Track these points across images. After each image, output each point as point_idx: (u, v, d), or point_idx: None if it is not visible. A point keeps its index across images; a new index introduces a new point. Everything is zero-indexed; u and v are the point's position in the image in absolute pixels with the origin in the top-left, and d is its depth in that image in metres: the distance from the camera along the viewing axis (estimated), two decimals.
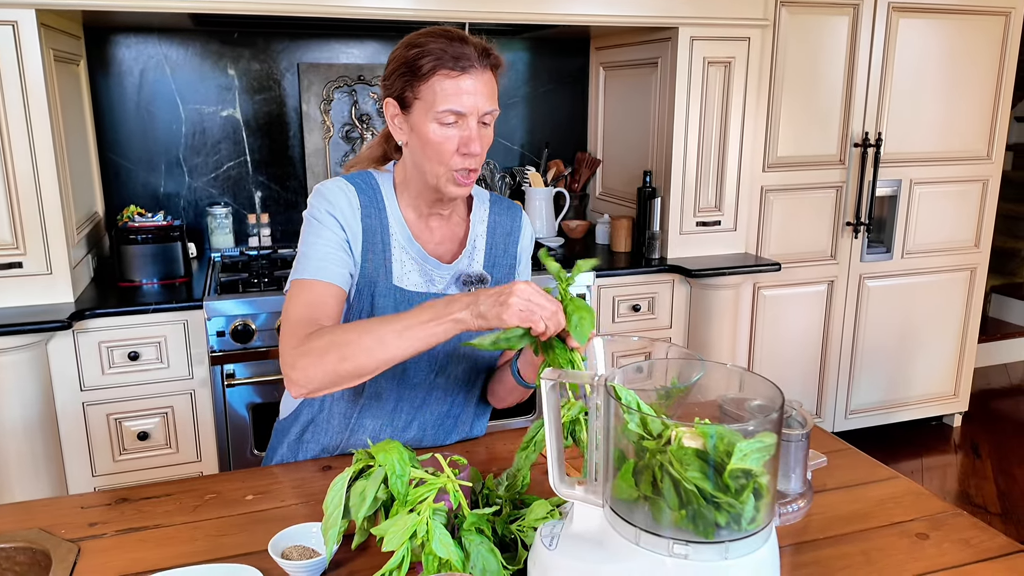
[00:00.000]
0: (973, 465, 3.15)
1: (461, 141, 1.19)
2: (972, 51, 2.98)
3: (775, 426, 0.79)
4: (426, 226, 1.31)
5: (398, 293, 1.26)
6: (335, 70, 2.81)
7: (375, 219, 1.26)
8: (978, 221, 3.19)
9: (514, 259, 1.39)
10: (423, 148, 1.20)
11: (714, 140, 2.69)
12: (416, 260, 1.28)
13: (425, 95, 1.17)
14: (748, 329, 2.94)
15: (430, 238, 1.32)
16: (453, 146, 1.19)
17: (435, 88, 1.16)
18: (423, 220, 1.31)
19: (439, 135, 1.18)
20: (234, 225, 2.78)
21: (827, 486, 1.21)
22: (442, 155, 1.19)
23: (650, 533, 0.79)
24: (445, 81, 1.16)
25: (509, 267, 1.38)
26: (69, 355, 2.13)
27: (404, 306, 1.24)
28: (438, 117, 1.17)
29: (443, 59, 1.16)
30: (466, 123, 1.18)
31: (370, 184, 1.28)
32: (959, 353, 3.30)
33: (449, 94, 1.16)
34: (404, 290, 1.27)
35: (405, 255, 1.28)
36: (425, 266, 1.29)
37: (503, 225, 1.38)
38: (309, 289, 1.19)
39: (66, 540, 1.07)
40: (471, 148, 1.19)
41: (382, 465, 0.93)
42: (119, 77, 2.64)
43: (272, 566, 0.98)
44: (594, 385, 0.85)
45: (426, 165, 1.22)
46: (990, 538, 1.07)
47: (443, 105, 1.16)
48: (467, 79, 1.17)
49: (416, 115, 1.20)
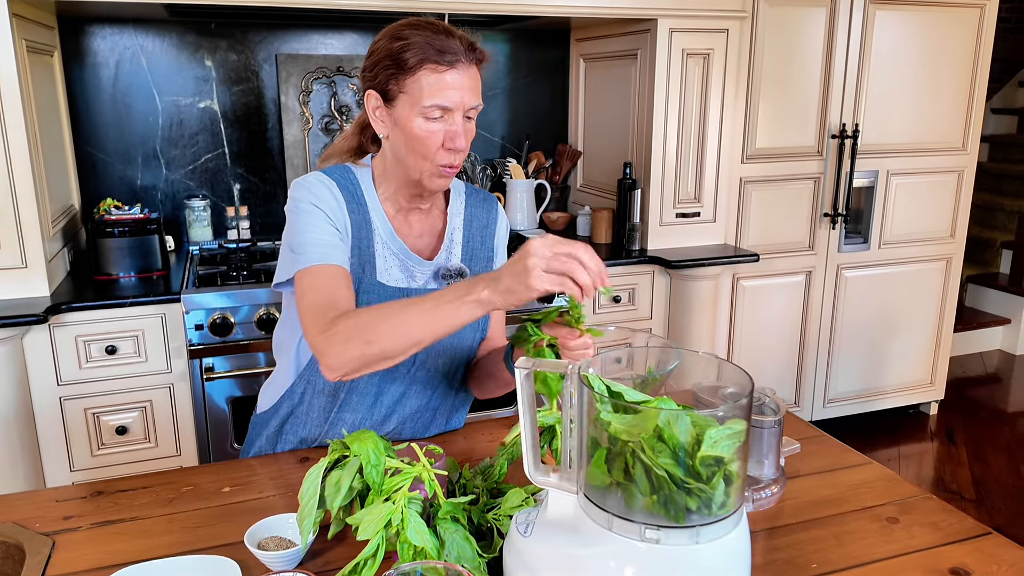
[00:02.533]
0: (949, 452, 3.20)
1: (447, 136, 1.18)
2: (948, 43, 3.01)
3: (745, 412, 0.80)
4: (405, 220, 1.31)
5: (381, 289, 1.26)
6: (314, 61, 2.79)
7: (357, 214, 1.25)
8: (954, 211, 3.23)
9: (491, 251, 1.39)
10: (407, 142, 1.19)
11: (693, 132, 2.71)
12: (398, 256, 1.28)
13: (411, 89, 1.16)
14: (728, 319, 2.97)
15: (410, 232, 1.31)
16: (438, 141, 1.18)
17: (421, 82, 1.16)
18: (402, 214, 1.31)
19: (424, 129, 1.17)
20: (212, 218, 2.76)
21: (800, 472, 1.23)
22: (427, 149, 1.19)
23: (622, 519, 0.80)
24: (432, 75, 1.15)
25: (487, 259, 1.38)
26: (45, 349, 2.11)
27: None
28: (424, 112, 1.16)
29: (429, 53, 1.15)
30: (452, 118, 1.18)
31: (349, 179, 1.27)
32: (935, 342, 3.34)
33: (436, 89, 1.15)
34: (386, 286, 1.26)
35: (387, 251, 1.27)
36: (407, 262, 1.29)
37: (479, 218, 1.38)
38: (318, 275, 1.17)
39: (40, 534, 1.06)
40: (457, 143, 1.18)
41: (357, 455, 0.94)
42: (94, 68, 2.61)
43: (248, 557, 0.98)
44: (568, 374, 0.86)
45: (409, 159, 1.21)
46: (958, 521, 1.09)
47: (429, 100, 1.16)
48: (453, 73, 1.16)
49: (400, 109, 1.18)
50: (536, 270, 0.96)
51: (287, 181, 2.83)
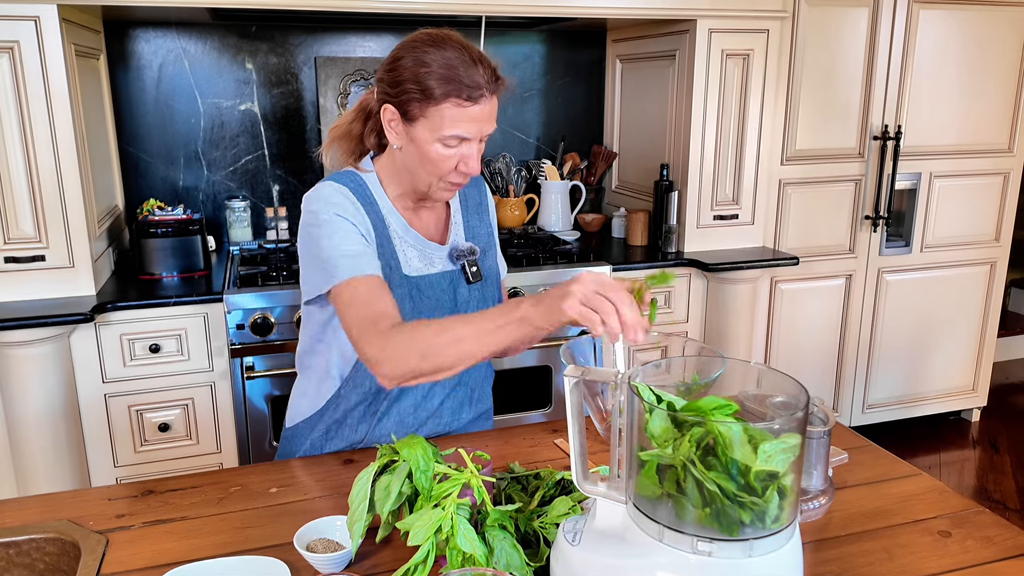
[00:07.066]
0: (991, 460, 3.13)
1: (461, 160, 1.23)
2: (994, 43, 2.95)
3: (800, 426, 0.79)
4: (416, 215, 1.36)
5: (408, 282, 1.30)
6: (352, 63, 2.81)
7: (373, 215, 1.29)
8: (998, 215, 3.16)
9: (490, 227, 1.46)
10: (420, 160, 1.24)
11: (732, 133, 2.68)
12: (415, 247, 1.33)
13: (432, 116, 1.19)
14: (765, 323, 2.93)
15: (421, 223, 1.37)
16: (452, 164, 1.23)
17: (444, 114, 1.19)
18: (411, 210, 1.36)
19: (440, 154, 1.22)
20: (252, 218, 2.80)
21: (848, 483, 1.21)
22: (440, 171, 1.24)
23: (674, 530, 0.80)
24: (455, 109, 1.18)
25: (487, 234, 1.45)
26: (91, 348, 2.15)
27: (416, 292, 1.30)
28: (443, 140, 1.20)
29: (454, 88, 1.17)
30: (469, 144, 1.22)
31: (358, 183, 1.30)
32: (978, 347, 3.27)
33: (457, 121, 1.19)
34: (410, 277, 1.31)
35: (404, 244, 1.32)
36: (425, 250, 1.34)
37: (473, 197, 1.46)
38: (357, 287, 1.20)
39: (94, 531, 1.09)
40: (470, 167, 1.24)
41: (406, 460, 0.94)
42: (138, 71, 2.66)
43: (297, 559, 0.99)
44: (617, 383, 0.86)
45: (420, 173, 1.26)
46: (1013, 536, 1.07)
47: (450, 131, 1.19)
48: (476, 108, 1.19)
49: (419, 131, 1.21)
50: (573, 298, 0.97)
51: None
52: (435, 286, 1.33)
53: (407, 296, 1.29)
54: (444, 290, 1.33)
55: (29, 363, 2.03)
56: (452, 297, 1.34)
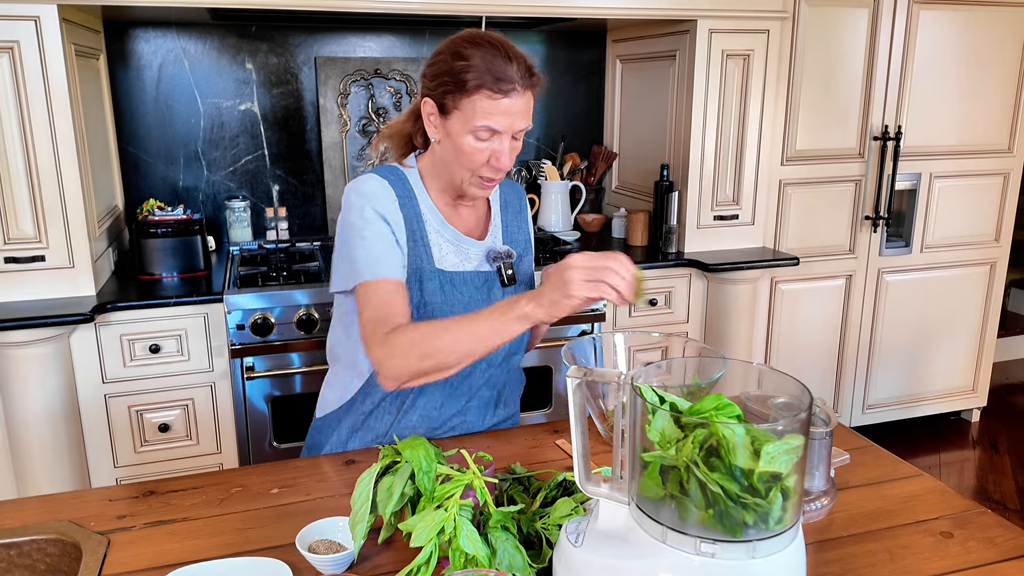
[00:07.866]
0: (991, 461, 3.13)
1: (492, 154, 1.25)
2: (994, 43, 2.95)
3: (803, 427, 0.79)
4: (455, 211, 1.38)
5: (441, 276, 1.32)
6: (352, 64, 2.81)
7: (409, 208, 1.31)
8: (998, 215, 3.16)
9: (528, 234, 1.48)
10: (455, 153, 1.26)
11: (732, 133, 2.68)
12: (452, 242, 1.35)
13: (465, 108, 1.22)
14: (765, 324, 2.93)
15: (460, 220, 1.38)
16: (484, 158, 1.25)
17: (476, 105, 1.21)
18: (450, 207, 1.38)
19: (472, 146, 1.24)
20: (252, 218, 2.79)
21: (850, 483, 1.21)
22: (472, 164, 1.26)
23: (677, 531, 0.80)
24: (487, 101, 1.20)
25: (525, 242, 1.46)
26: (91, 348, 2.15)
27: (449, 287, 1.31)
28: (474, 131, 1.22)
29: (487, 80, 1.20)
30: (500, 139, 1.24)
31: (399, 177, 1.33)
32: (978, 348, 3.27)
33: (488, 113, 1.21)
34: (444, 271, 1.32)
35: (440, 238, 1.34)
36: (461, 246, 1.35)
37: (513, 204, 1.48)
38: (375, 289, 1.24)
39: (96, 532, 1.09)
40: (501, 162, 1.25)
41: (409, 461, 0.94)
42: (138, 71, 2.66)
43: (299, 559, 0.99)
44: (620, 383, 0.86)
45: (455, 167, 1.28)
46: (1015, 537, 1.07)
47: (481, 122, 1.21)
48: (507, 101, 1.21)
49: (453, 123, 1.24)
50: (575, 280, 1.04)
51: (325, 183, 2.86)
52: (469, 283, 1.34)
53: (439, 289, 1.31)
54: (478, 288, 1.35)
55: (29, 363, 2.03)
56: (487, 297, 1.36)
